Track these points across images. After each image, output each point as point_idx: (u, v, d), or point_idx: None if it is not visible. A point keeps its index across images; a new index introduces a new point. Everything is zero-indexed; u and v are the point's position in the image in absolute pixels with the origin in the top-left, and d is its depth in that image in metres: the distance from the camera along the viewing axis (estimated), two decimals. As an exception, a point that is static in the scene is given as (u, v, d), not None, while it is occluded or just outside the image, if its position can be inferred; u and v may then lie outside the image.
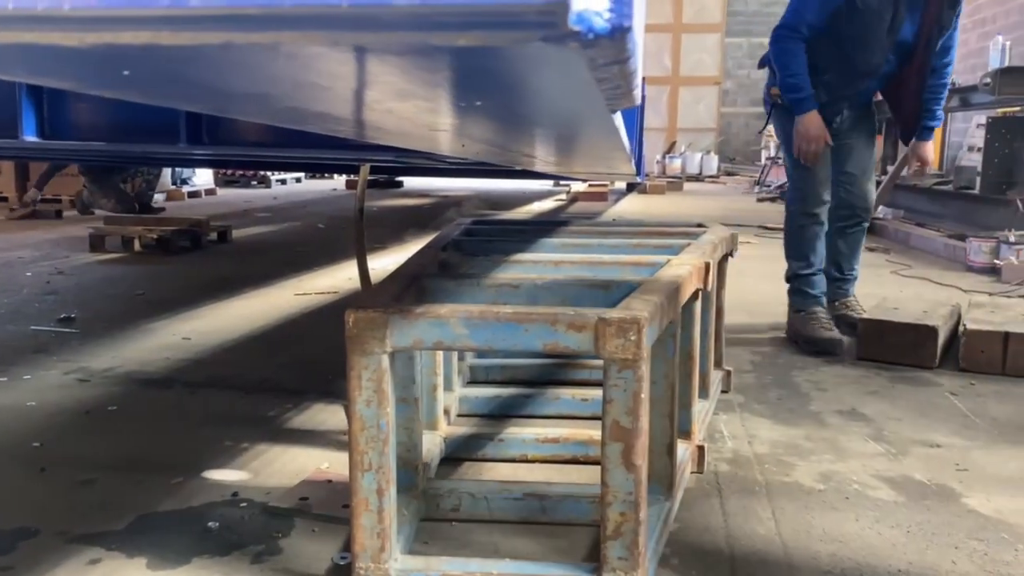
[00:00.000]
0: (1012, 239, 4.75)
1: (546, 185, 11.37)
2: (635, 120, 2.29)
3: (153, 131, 1.72)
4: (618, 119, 0.90)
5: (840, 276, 3.26)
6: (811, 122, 2.88)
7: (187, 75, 0.52)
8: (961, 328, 2.82)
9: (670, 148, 15.72)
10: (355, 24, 0.29)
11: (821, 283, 3.11)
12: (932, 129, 3.15)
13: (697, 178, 14.36)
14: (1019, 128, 5.52)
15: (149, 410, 2.32)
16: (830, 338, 2.92)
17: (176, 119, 1.69)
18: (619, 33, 0.28)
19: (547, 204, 9.66)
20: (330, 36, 0.30)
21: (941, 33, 2.91)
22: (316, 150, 1.99)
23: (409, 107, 0.66)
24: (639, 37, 0.40)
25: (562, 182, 10.89)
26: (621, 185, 10.98)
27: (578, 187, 10.45)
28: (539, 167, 2.51)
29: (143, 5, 0.33)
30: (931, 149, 3.23)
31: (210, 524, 1.61)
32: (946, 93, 3.13)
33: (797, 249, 3.10)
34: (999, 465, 1.95)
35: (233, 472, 1.86)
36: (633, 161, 2.29)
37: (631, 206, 9.47)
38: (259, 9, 0.30)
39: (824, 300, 3.11)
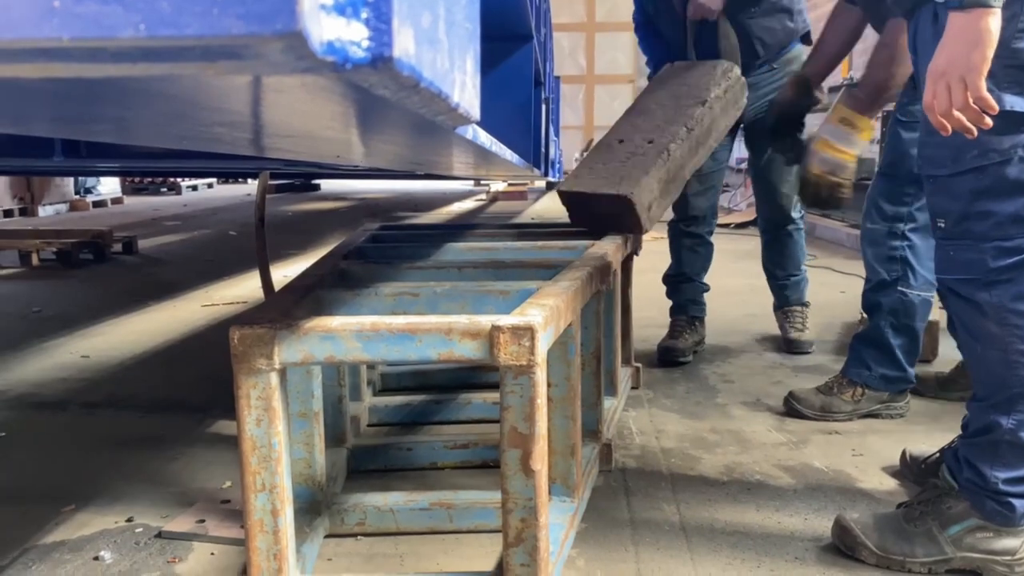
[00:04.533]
0: (908, 227, 4.96)
1: (467, 185, 11.36)
2: (536, 123, 2.29)
3: (23, 144, 1.60)
4: (481, 134, 0.89)
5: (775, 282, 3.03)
6: None
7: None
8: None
9: (587, 145, 15.91)
10: (78, 57, 0.27)
11: (688, 290, 2.98)
12: None
13: (615, 174, 14.53)
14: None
15: (41, 435, 2.21)
16: (664, 347, 2.83)
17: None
18: (382, 63, 0.27)
19: (467, 204, 9.65)
20: (63, 68, 0.28)
21: None
22: (202, 161, 1.92)
23: (235, 132, 0.63)
24: (444, 59, 0.39)
25: (482, 182, 10.91)
26: (541, 184, 11.05)
27: (498, 187, 10.46)
28: (443, 171, 2.49)
29: None
30: None
31: (102, 553, 1.54)
32: None
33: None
34: (893, 448, 2.02)
35: (130, 496, 1.79)
36: (532, 164, 2.29)
37: (551, 204, 9.52)
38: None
39: (690, 308, 2.96)
